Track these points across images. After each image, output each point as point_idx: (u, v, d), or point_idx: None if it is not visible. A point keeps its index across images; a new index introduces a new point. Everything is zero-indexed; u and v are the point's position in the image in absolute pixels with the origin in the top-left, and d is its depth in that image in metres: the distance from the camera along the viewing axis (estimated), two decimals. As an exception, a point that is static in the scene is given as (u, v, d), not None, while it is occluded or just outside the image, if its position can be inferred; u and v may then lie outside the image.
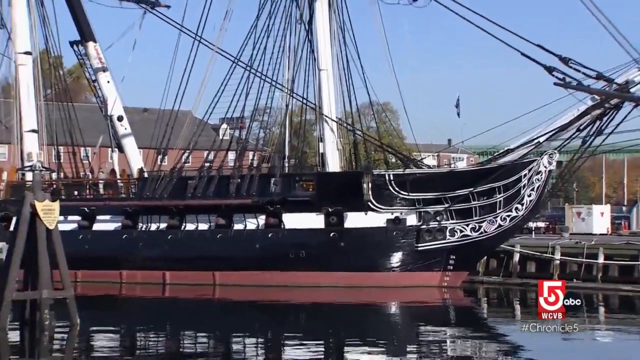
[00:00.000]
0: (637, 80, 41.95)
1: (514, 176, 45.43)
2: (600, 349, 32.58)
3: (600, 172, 75.50)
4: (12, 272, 31.85)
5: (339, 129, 51.96)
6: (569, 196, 70.19)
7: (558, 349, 29.69)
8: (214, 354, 32.76)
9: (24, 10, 54.77)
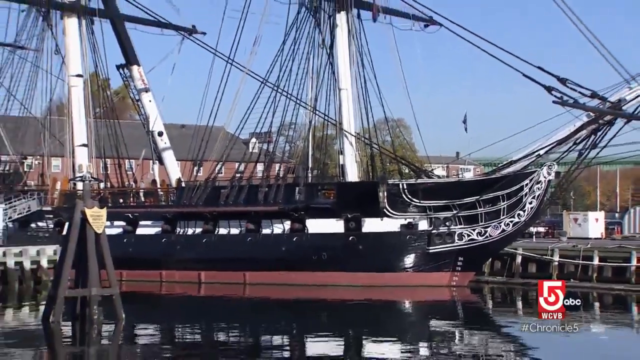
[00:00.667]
0: (628, 99, 41.59)
1: (516, 185, 45.24)
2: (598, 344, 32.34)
3: (595, 182, 75.13)
4: (64, 272, 32.30)
5: (358, 142, 51.92)
6: (566, 204, 69.78)
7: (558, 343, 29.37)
8: (244, 347, 33.00)
9: (76, 38, 55.46)
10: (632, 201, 73.76)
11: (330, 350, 32.19)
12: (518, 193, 45.24)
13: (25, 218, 54.91)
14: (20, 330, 36.64)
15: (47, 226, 53.77)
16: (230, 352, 31.96)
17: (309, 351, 32.29)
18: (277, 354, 31.86)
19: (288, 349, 32.86)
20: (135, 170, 62.76)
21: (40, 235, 51.63)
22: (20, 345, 32.23)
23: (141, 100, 59.29)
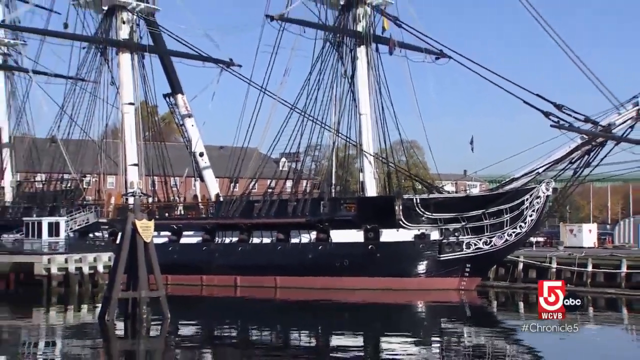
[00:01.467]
0: (617, 123, 41.53)
1: (518, 200, 45.07)
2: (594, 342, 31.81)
3: (589, 197, 74.68)
4: (117, 276, 32.66)
5: (376, 161, 51.95)
6: (563, 216, 69.16)
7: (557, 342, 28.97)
8: (275, 343, 33.05)
9: (129, 71, 55.99)
10: (621, 214, 73.06)
11: (351, 345, 32.27)
12: (520, 207, 45.05)
13: (84, 229, 54.94)
14: (79, 327, 37.20)
15: (103, 236, 53.94)
16: (262, 347, 32.04)
17: (333, 346, 32.20)
18: (304, 349, 31.85)
19: (314, 344, 33.07)
20: (179, 186, 62.68)
21: (97, 243, 51.74)
22: (80, 340, 32.77)
23: (185, 124, 59.44)
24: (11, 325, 37.87)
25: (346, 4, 51.59)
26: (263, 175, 55.73)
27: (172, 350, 30.48)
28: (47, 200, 57.50)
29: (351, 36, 51.73)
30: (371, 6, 51.62)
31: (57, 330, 37.19)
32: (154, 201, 57.32)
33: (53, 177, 59.63)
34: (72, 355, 29.82)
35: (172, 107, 60.23)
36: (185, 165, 61.49)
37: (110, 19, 55.88)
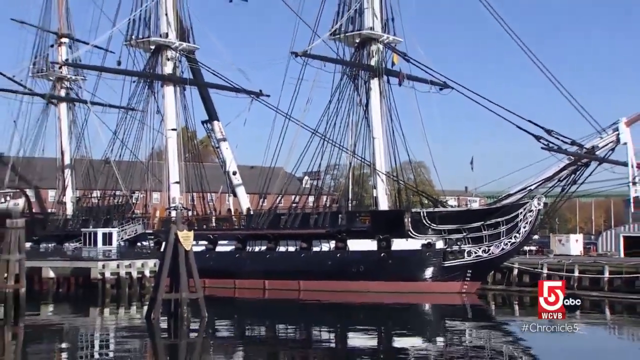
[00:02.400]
0: (600, 146, 41.54)
1: (513, 213, 44.89)
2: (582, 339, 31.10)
3: (575, 211, 74.07)
4: (162, 280, 32.95)
5: (387, 179, 51.79)
6: (552, 228, 68.53)
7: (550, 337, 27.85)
8: (299, 339, 33.33)
9: (172, 101, 56.48)
10: (604, 226, 72.28)
11: (366, 341, 32.35)
12: (514, 219, 44.86)
13: (133, 238, 55.27)
14: (129, 324, 37.51)
15: (149, 245, 54.04)
16: (287, 342, 32.36)
17: (350, 342, 32.45)
18: (325, 344, 32.16)
19: (334, 340, 33.10)
20: (215, 201, 62.39)
21: (144, 251, 51.80)
22: (129, 336, 33.13)
23: (220, 147, 59.69)
24: (71, 322, 38.58)
25: (361, 42, 51.69)
26: (288, 192, 56.03)
27: (209, 345, 30.60)
28: (101, 213, 57.77)
29: (365, 70, 51.77)
30: (383, 44, 51.60)
31: (110, 326, 37.77)
32: (193, 214, 57.28)
33: (107, 193, 59.97)
34: (123, 349, 30.09)
35: (209, 132, 60.45)
36: (220, 183, 61.61)
37: (157, 57, 56.37)
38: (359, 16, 51.35)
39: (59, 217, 63.56)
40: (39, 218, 63.96)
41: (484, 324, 37.10)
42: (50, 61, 64.90)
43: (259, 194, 56.46)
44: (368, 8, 51.08)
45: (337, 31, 51.08)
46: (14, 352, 29.51)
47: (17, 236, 37.87)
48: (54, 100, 65.87)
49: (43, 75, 65.82)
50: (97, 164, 62.03)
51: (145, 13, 55.30)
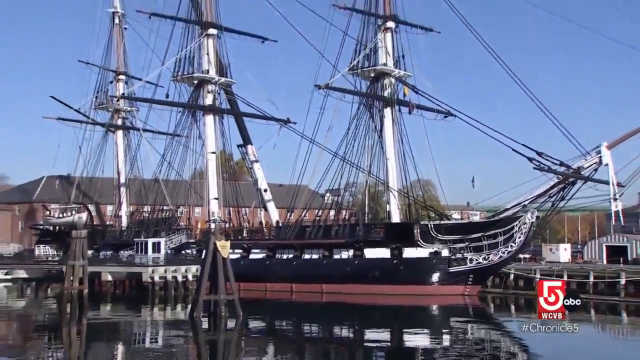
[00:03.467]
0: (585, 166, 41.42)
1: (509, 225, 44.72)
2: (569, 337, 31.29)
3: (563, 223, 73.15)
4: (203, 283, 33.32)
5: (399, 196, 51.61)
6: (544, 238, 67.87)
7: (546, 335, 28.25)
8: (322, 335, 33.51)
9: (212, 128, 56.47)
10: (589, 237, 71.24)
11: (381, 337, 32.61)
12: (511, 230, 44.68)
13: (178, 247, 55.18)
14: (175, 321, 38.11)
15: (192, 252, 53.91)
16: (312, 337, 32.75)
17: (366, 337, 32.55)
18: (345, 340, 32.06)
19: (352, 336, 33.11)
20: (249, 215, 62.27)
21: (188, 258, 51.82)
22: (175, 331, 33.58)
23: (253, 167, 59.49)
24: (126, 319, 39.36)
25: (375, 76, 51.72)
26: (312, 206, 55.86)
27: (244, 340, 30.77)
28: (151, 225, 57.94)
29: (380, 100, 51.72)
30: (395, 78, 51.61)
31: (158, 323, 38.25)
32: (230, 226, 57.15)
33: (156, 208, 59.93)
34: (170, 343, 30.60)
35: (243, 155, 60.45)
36: (253, 199, 61.63)
37: (199, 90, 56.53)
38: (374, 54, 51.37)
39: (115, 229, 63.80)
40: (99, 229, 64.23)
41: (484, 323, 37.22)
42: (110, 95, 65.63)
43: (286, 209, 56.39)
44: (382, 47, 51.17)
45: (354, 67, 51.08)
46: (79, 344, 30.11)
47: (81, 245, 39.04)
48: (112, 128, 66.45)
49: (103, 107, 66.59)
50: (148, 183, 62.19)
51: (189, 53, 55.51)
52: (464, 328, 35.01)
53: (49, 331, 34.86)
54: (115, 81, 66.03)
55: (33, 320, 40.31)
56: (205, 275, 33.29)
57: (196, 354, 28.30)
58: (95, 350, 29.34)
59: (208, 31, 55.07)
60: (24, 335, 34.59)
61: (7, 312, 43.24)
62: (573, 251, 60.38)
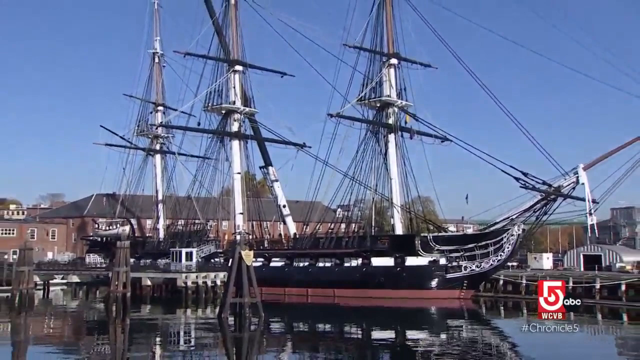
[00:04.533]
0: (564, 185, 41.41)
1: (499, 237, 44.65)
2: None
3: (546, 234, 72.76)
4: (229, 287, 33.55)
5: (402, 211, 51.44)
6: (529, 248, 67.30)
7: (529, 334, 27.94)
8: (334, 333, 33.40)
9: (237, 151, 56.52)
10: (568, 247, 70.56)
11: (386, 336, 32.69)
12: (500, 242, 44.59)
13: (208, 256, 55.02)
14: (205, 321, 37.94)
15: (220, 261, 53.60)
16: (325, 335, 32.67)
17: (373, 336, 32.61)
18: (354, 337, 32.24)
19: (361, 334, 33.19)
20: (269, 228, 62.42)
21: (216, 266, 51.61)
22: (205, 330, 33.80)
23: (273, 186, 59.38)
24: (163, 318, 39.63)
25: (381, 106, 51.78)
26: (325, 220, 55.62)
27: (265, 338, 30.65)
28: (185, 237, 57.83)
29: (384, 127, 51.80)
30: (398, 107, 51.63)
31: (191, 322, 38.28)
32: (253, 237, 57.11)
33: (189, 222, 60.13)
34: (201, 339, 30.81)
35: (265, 175, 60.34)
36: (273, 214, 61.50)
37: (226, 119, 56.71)
38: (379, 87, 51.49)
39: (154, 240, 63.84)
40: (140, 240, 64.30)
41: (476, 323, 37.16)
42: (150, 124, 66.34)
43: (302, 222, 56.32)
44: (386, 81, 51.34)
45: (362, 98, 51.03)
46: (123, 340, 30.61)
47: (125, 254, 38.96)
48: (151, 152, 67.02)
49: (144, 134, 67.19)
50: (182, 200, 62.29)
51: (218, 86, 55.74)
52: (459, 327, 34.97)
53: (97, 328, 35.52)
54: (154, 111, 66.74)
55: (84, 319, 40.95)
56: (231, 280, 33.32)
57: (224, 350, 28.32)
58: (136, 345, 29.69)
59: (234, 68, 55.42)
60: (76, 331, 35.30)
61: (63, 312, 44.11)
62: (554, 260, 59.82)
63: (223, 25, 56.63)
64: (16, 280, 42.98)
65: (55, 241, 79.00)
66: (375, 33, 51.46)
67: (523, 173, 42.06)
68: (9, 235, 74.08)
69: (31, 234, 74.69)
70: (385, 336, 32.59)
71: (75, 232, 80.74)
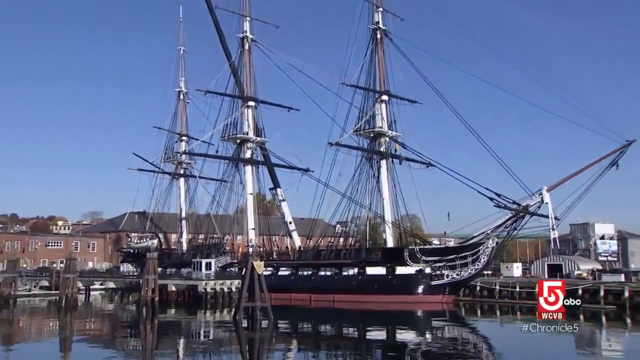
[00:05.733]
0: (531, 204, 41.96)
1: (476, 249, 44.94)
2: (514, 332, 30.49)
3: (516, 247, 72.77)
4: (243, 293, 33.52)
5: (392, 226, 51.46)
6: (502, 258, 67.53)
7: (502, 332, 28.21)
8: (334, 332, 33.48)
9: (250, 175, 56.72)
10: (534, 257, 70.70)
11: (379, 334, 32.72)
12: (477, 253, 44.88)
13: (224, 266, 55.13)
14: (222, 322, 37.88)
15: (235, 270, 53.41)
16: (326, 334, 32.77)
17: (368, 335, 32.56)
18: (351, 336, 32.30)
19: (357, 333, 33.14)
20: (278, 241, 62.49)
21: (231, 274, 51.43)
22: (222, 329, 34.13)
23: (281, 205, 59.18)
24: (186, 319, 39.58)
25: (374, 136, 51.86)
26: (326, 235, 55.66)
27: (274, 337, 30.54)
28: (204, 249, 57.58)
29: (377, 154, 51.88)
30: (388, 137, 51.82)
31: (209, 323, 38.24)
32: (263, 250, 56.76)
33: (208, 236, 60.10)
34: (218, 337, 31.03)
35: (274, 195, 60.41)
36: (281, 229, 61.53)
37: (241, 147, 56.39)
38: (373, 119, 51.51)
39: (178, 252, 63.79)
40: (166, 252, 64.10)
41: (457, 323, 37.30)
42: (175, 151, 66.77)
43: (306, 236, 56.35)
44: (378, 114, 51.55)
45: (358, 129, 51.08)
46: (152, 337, 30.88)
47: (153, 263, 39.62)
48: (176, 176, 67.47)
49: (170, 160, 67.58)
50: (202, 217, 62.31)
51: (234, 119, 56.04)
52: (442, 327, 35.12)
53: (130, 327, 35.82)
54: (179, 141, 67.25)
55: (119, 319, 41.06)
56: (244, 287, 33.19)
57: (238, 347, 28.37)
58: (163, 341, 29.89)
59: (248, 103, 55.82)
60: (113, 329, 35.60)
61: (102, 312, 44.49)
62: (523, 268, 59.94)
63: (238, 67, 57.36)
64: (63, 285, 44.22)
65: (95, 252, 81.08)
66: (369, 73, 52.18)
67: (496, 194, 42.81)
68: (57, 247, 76.69)
69: (75, 246, 77.02)
70: (378, 335, 32.65)
71: (111, 244, 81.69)
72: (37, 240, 77.52)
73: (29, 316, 42.27)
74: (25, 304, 47.76)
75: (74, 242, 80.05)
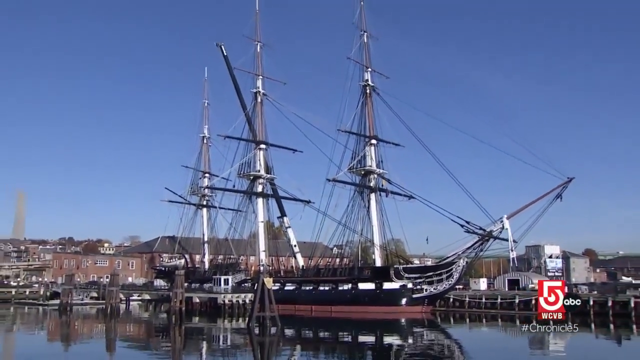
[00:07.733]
0: (494, 229, 42.53)
1: (449, 267, 45.00)
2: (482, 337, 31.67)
3: (482, 265, 72.31)
4: (255, 304, 33.80)
5: (380, 249, 51.08)
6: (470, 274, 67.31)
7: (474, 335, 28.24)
8: (331, 337, 33.59)
9: (261, 206, 56.55)
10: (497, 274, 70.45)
11: (369, 339, 32.66)
12: (450, 271, 44.88)
13: (240, 282, 54.57)
14: (238, 329, 37.41)
15: (248, 285, 52.45)
16: (325, 339, 32.85)
17: (359, 339, 32.50)
18: (345, 340, 32.29)
19: (350, 338, 33.07)
20: (284, 261, 61.74)
21: (246, 289, 50.54)
22: (238, 334, 34.16)
23: (287, 231, 58.48)
24: (208, 326, 39.40)
25: (365, 173, 51.15)
26: (325, 256, 55.36)
27: (282, 341, 30.37)
28: (223, 267, 57.25)
29: (367, 189, 51.02)
30: (377, 174, 51.67)
31: (227, 329, 37.84)
32: (272, 268, 56.18)
33: (226, 257, 59.86)
34: (235, 341, 31.16)
35: (281, 223, 59.36)
36: (287, 251, 60.81)
37: (253, 183, 56.02)
38: (364, 159, 51.24)
39: (201, 270, 63.34)
40: (191, 270, 63.68)
41: (434, 329, 37.31)
42: (199, 186, 67.12)
43: (308, 257, 55.93)
44: (368, 155, 51.12)
45: (351, 167, 50.82)
46: (180, 340, 31.26)
47: (181, 279, 40.13)
48: (200, 207, 67.49)
49: (195, 193, 67.66)
50: (221, 241, 62.24)
51: (248, 160, 55.90)
52: (422, 332, 35.28)
53: (162, 331, 36.05)
54: (203, 177, 67.47)
55: (153, 325, 41.15)
56: (256, 299, 33.21)
57: (251, 349, 28.39)
58: (190, 344, 30.33)
59: (260, 146, 55.70)
60: (148, 333, 35.83)
61: (139, 320, 44.58)
62: (488, 283, 59.76)
63: (252, 116, 57.95)
64: (108, 296, 45.35)
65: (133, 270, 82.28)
66: (360, 121, 52.23)
67: (466, 221, 43.37)
68: (103, 265, 79.56)
69: (118, 264, 78.71)
70: (368, 339, 32.72)
71: (147, 263, 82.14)
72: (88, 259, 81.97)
73: (82, 321, 43.71)
74: (79, 311, 49.23)
75: (117, 260, 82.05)
